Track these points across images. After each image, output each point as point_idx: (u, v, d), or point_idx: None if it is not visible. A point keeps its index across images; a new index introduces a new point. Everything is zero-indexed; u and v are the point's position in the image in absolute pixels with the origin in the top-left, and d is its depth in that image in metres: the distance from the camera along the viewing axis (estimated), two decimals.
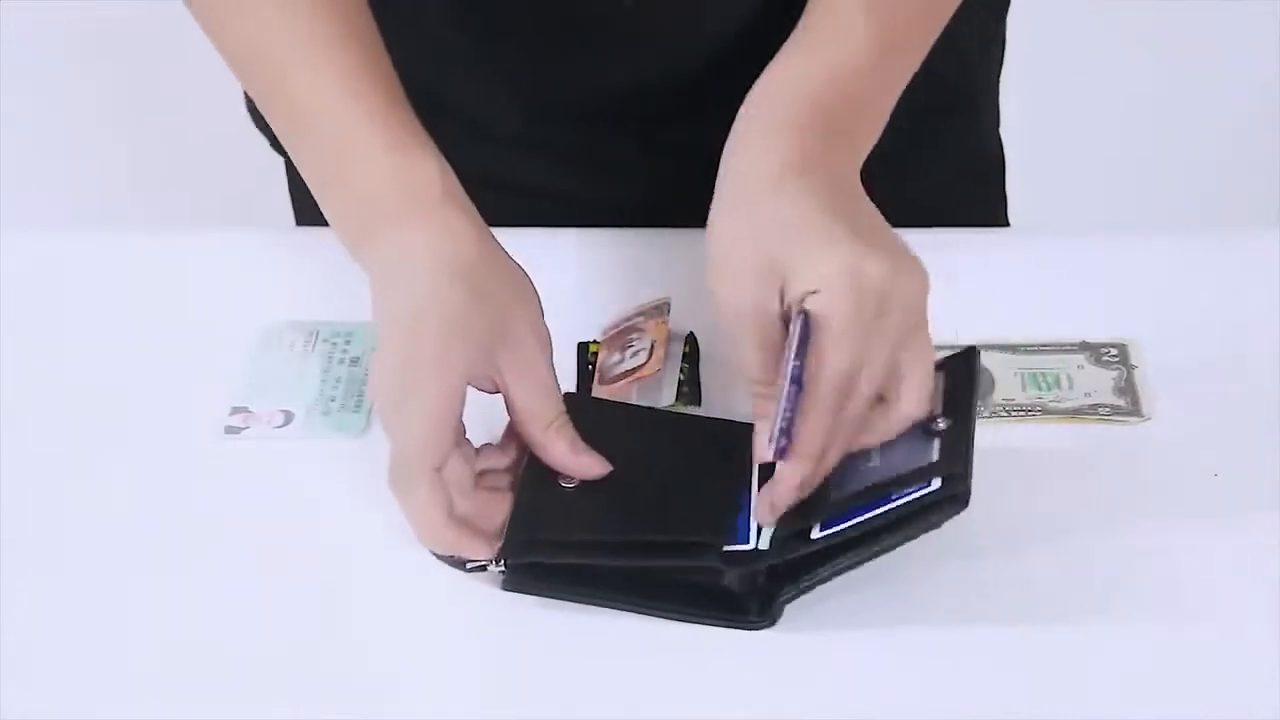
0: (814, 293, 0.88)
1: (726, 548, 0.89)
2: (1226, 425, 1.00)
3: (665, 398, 1.03)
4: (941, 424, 0.90)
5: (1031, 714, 0.86)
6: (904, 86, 1.00)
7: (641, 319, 1.06)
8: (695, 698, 0.87)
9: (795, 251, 0.89)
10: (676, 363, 1.04)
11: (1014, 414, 1.01)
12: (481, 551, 0.90)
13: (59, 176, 2.27)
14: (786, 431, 0.87)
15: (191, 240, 1.19)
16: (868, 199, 0.94)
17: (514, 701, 0.88)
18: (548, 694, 0.88)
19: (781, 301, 0.89)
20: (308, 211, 1.29)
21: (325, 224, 1.02)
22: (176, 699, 0.88)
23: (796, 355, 0.87)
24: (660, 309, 1.06)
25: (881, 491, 0.88)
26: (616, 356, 1.03)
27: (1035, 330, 1.06)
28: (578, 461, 0.92)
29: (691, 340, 1.05)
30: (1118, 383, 1.03)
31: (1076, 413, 1.02)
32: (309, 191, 1.06)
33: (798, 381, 0.87)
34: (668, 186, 1.12)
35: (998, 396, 1.02)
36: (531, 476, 0.93)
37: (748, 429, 0.93)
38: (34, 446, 1.02)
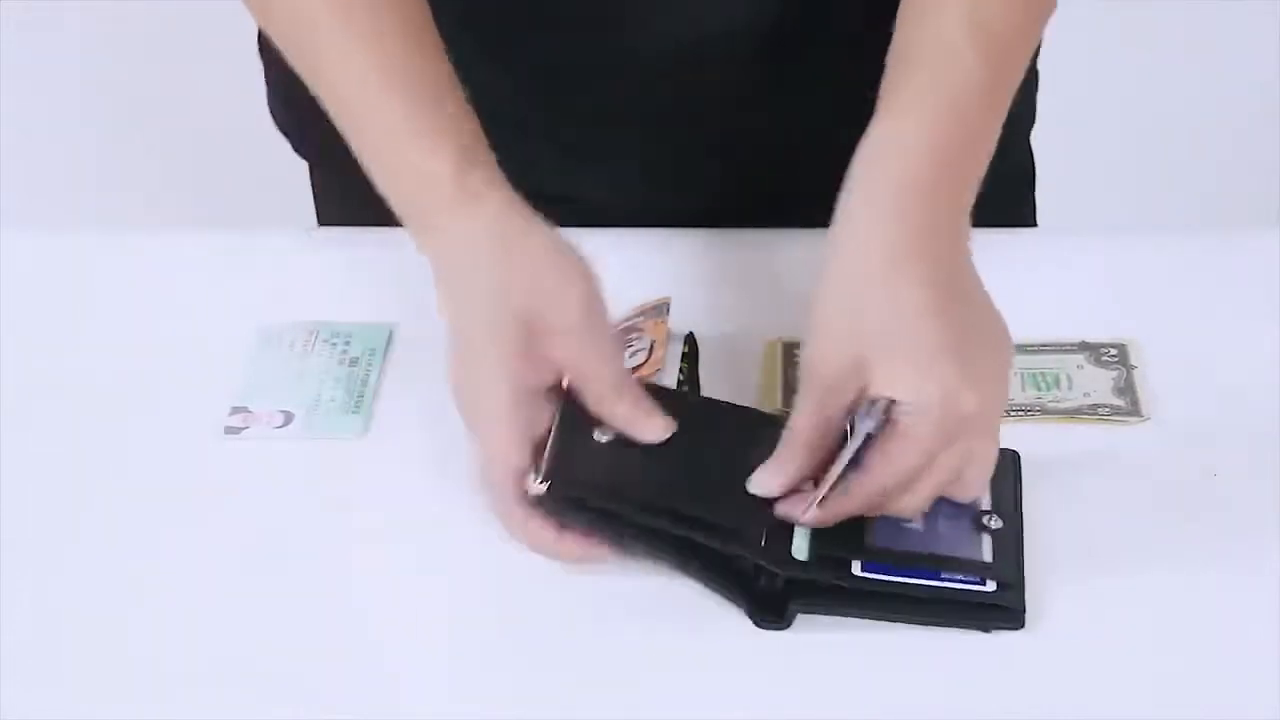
0: (901, 404, 0.87)
1: (761, 544, 0.89)
2: (1226, 425, 1.00)
3: None
4: (994, 524, 0.91)
5: (1030, 714, 0.86)
6: (1011, 101, 0.96)
7: (641, 319, 1.06)
8: (696, 698, 0.87)
9: (892, 362, 0.88)
10: (676, 362, 1.04)
11: (1014, 414, 1.01)
12: (577, 550, 0.92)
13: (59, 176, 2.28)
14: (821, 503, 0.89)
15: (191, 240, 1.19)
16: (972, 273, 0.92)
17: (516, 701, 0.88)
18: (551, 694, 0.88)
19: (860, 396, 0.89)
20: (330, 212, 1.29)
21: (347, 224, 1.01)
22: (176, 699, 0.88)
23: (863, 443, 0.88)
24: (660, 309, 1.06)
25: (932, 564, 0.89)
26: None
27: (1035, 330, 1.06)
28: (648, 422, 0.93)
29: (691, 340, 1.05)
30: (1117, 383, 1.03)
31: (1076, 413, 1.02)
32: (331, 196, 1.06)
33: (856, 464, 0.88)
34: (671, 187, 1.12)
35: None
36: (566, 419, 0.93)
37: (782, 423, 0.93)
38: (34, 446, 1.02)
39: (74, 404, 1.04)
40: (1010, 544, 0.90)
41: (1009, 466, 0.94)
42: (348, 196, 1.03)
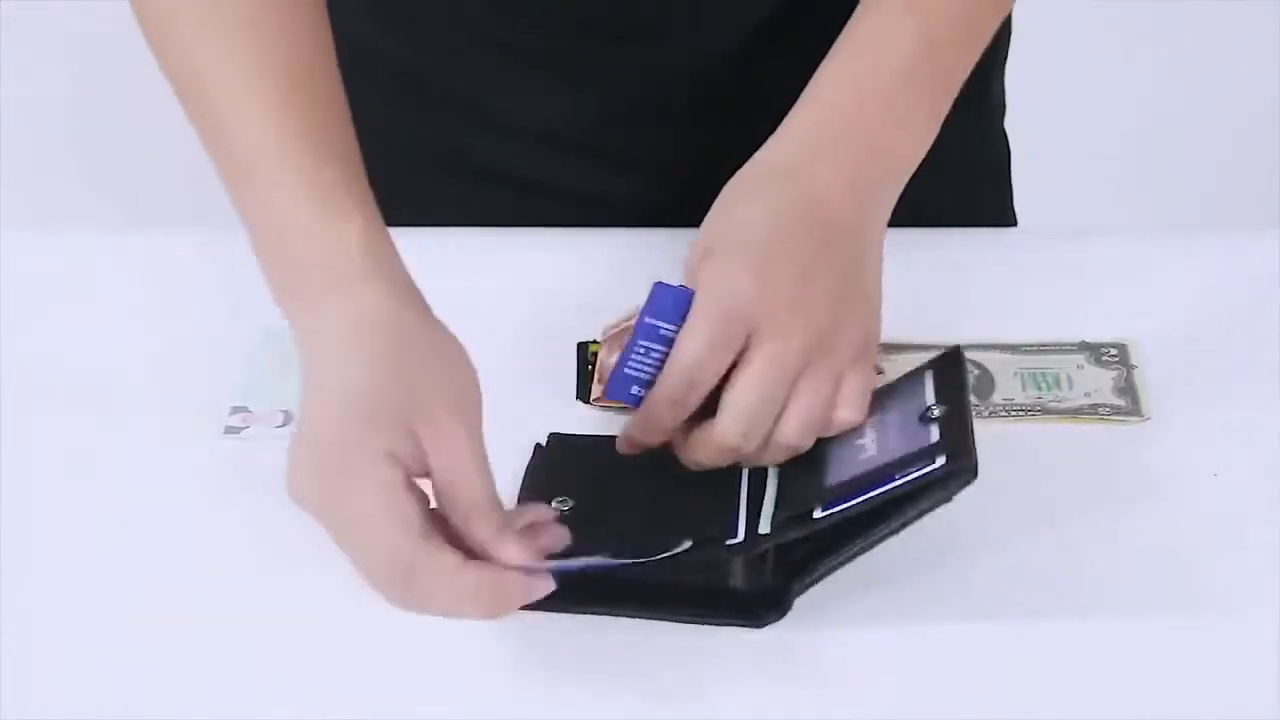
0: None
1: (728, 541, 0.89)
2: (1226, 425, 1.00)
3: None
4: (937, 411, 0.90)
5: (1030, 713, 0.86)
6: (954, 91, 0.99)
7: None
8: (697, 696, 0.87)
9: (707, 251, 0.92)
10: None
11: (1014, 414, 1.01)
12: (541, 585, 0.84)
13: (59, 176, 2.28)
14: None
15: (191, 240, 1.19)
16: (859, 232, 0.94)
17: (518, 701, 0.88)
18: (552, 694, 0.88)
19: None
20: None
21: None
22: (176, 699, 0.88)
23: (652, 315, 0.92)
24: None
25: (884, 474, 0.88)
26: (616, 356, 1.03)
27: (1035, 330, 1.06)
28: (504, 547, 0.84)
29: None
30: (1118, 383, 1.03)
31: (1076, 413, 1.02)
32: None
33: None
34: (696, 184, 1.12)
35: (998, 396, 1.02)
36: (529, 499, 0.93)
37: None
38: (34, 446, 1.02)
39: (74, 404, 1.04)
40: (957, 420, 0.89)
41: (947, 363, 0.94)
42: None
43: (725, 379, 0.91)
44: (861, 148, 0.95)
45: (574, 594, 0.89)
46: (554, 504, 0.93)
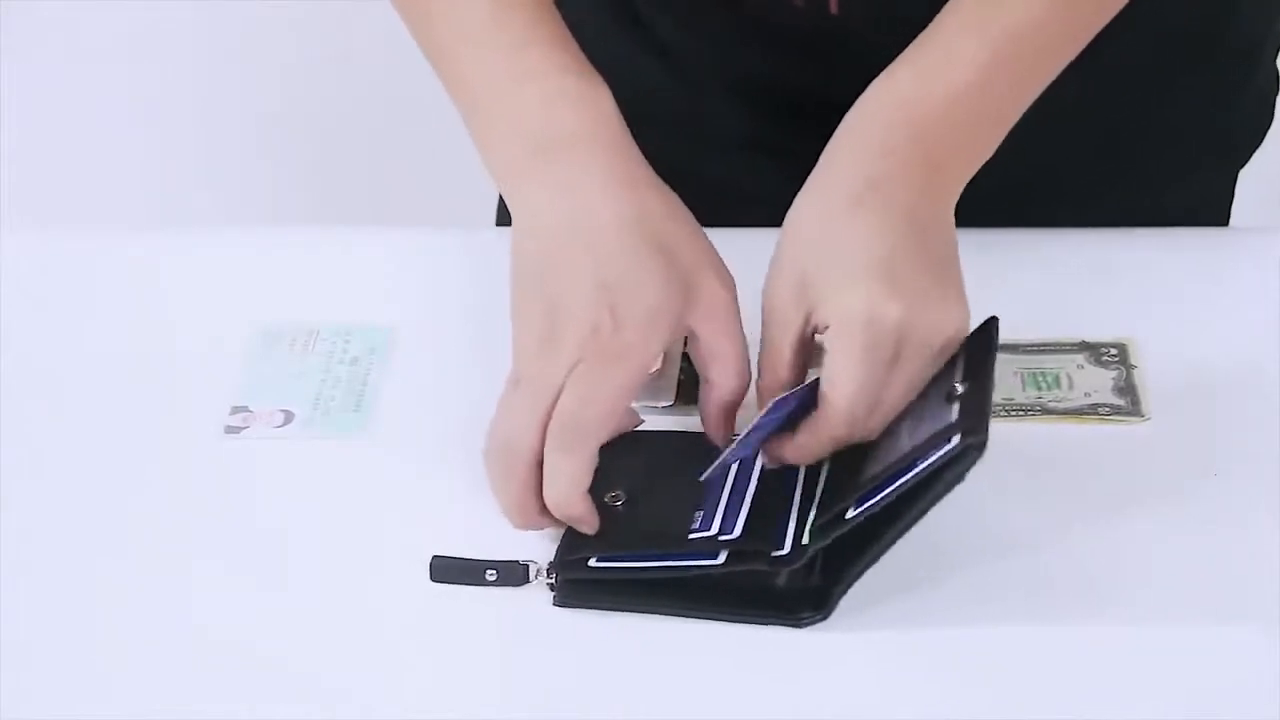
0: (830, 327, 0.90)
1: (774, 553, 0.89)
2: (1226, 425, 1.00)
3: (665, 398, 1.03)
4: (960, 388, 0.90)
5: (1028, 713, 0.86)
6: (1025, 106, 0.98)
7: None
8: (718, 697, 0.87)
9: (827, 282, 0.91)
10: (676, 363, 1.04)
11: (1014, 414, 1.01)
12: (590, 528, 0.90)
13: (59, 176, 2.28)
14: (749, 441, 0.92)
15: (192, 240, 1.19)
16: (942, 233, 0.94)
17: (522, 703, 0.88)
18: (554, 694, 0.88)
19: (807, 324, 0.92)
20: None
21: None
22: (176, 699, 0.87)
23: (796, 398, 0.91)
24: None
25: (906, 461, 0.88)
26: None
27: (1035, 330, 1.06)
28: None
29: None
30: (1118, 382, 1.03)
31: (1076, 413, 1.02)
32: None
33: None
34: None
35: (998, 396, 1.02)
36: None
37: None
38: (34, 446, 1.02)
39: (74, 404, 1.04)
40: (976, 397, 0.89)
41: (980, 334, 0.93)
42: None
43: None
44: (923, 161, 0.95)
45: (614, 590, 0.89)
46: (607, 498, 0.92)
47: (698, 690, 0.87)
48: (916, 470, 0.87)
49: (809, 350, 0.93)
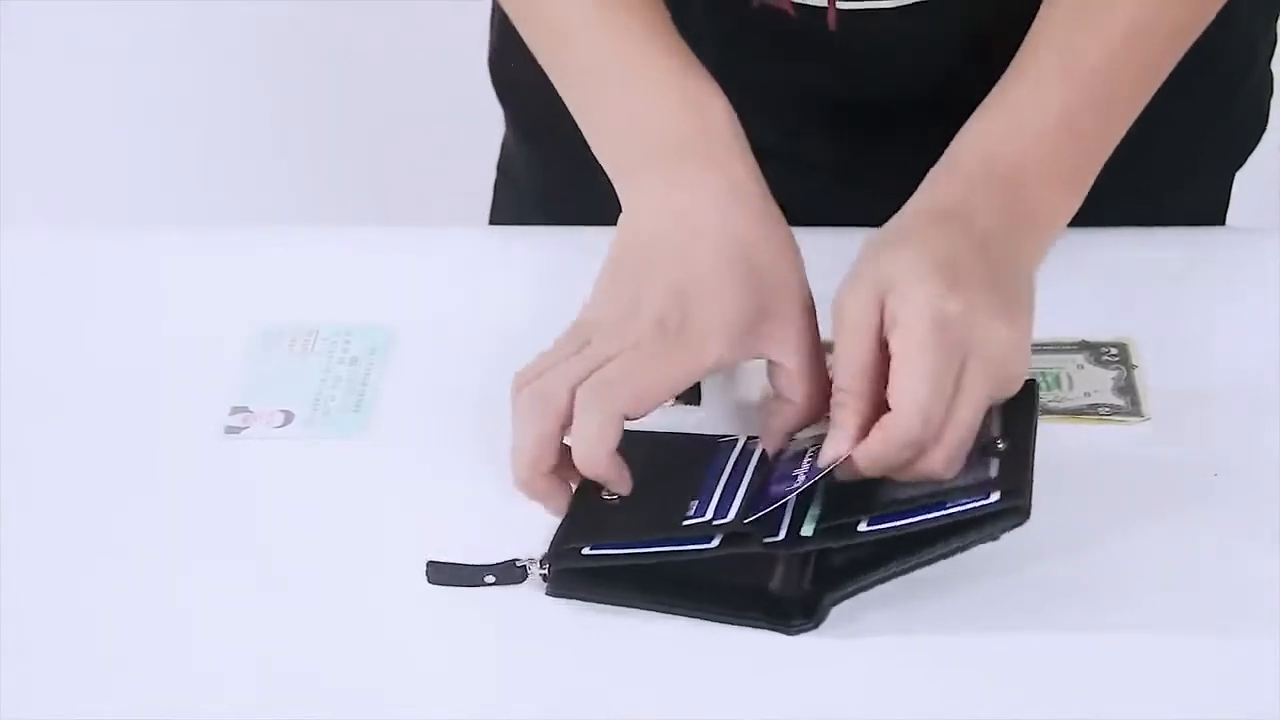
0: (895, 328, 0.90)
1: (766, 539, 0.89)
2: (1226, 425, 1.00)
3: None
4: (1001, 445, 0.90)
5: (1028, 714, 0.86)
6: (1112, 148, 1.00)
7: None
8: (713, 699, 0.87)
9: (892, 279, 0.91)
10: None
11: None
12: (622, 486, 0.92)
13: (59, 175, 2.28)
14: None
15: (192, 239, 1.19)
16: (1012, 265, 0.94)
17: (521, 704, 0.88)
18: (555, 694, 0.88)
19: (881, 326, 0.91)
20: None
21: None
22: (176, 699, 0.87)
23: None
24: None
25: (935, 499, 0.88)
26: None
27: (1035, 330, 1.05)
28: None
29: None
30: (1118, 383, 1.03)
31: (1076, 413, 1.02)
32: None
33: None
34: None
35: None
36: (582, 489, 0.93)
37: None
38: (34, 446, 1.02)
39: (74, 403, 1.04)
40: (1016, 458, 0.89)
41: (1026, 393, 0.93)
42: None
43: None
44: (1008, 198, 0.96)
45: (607, 582, 0.89)
46: (604, 495, 0.93)
47: (692, 692, 0.87)
48: (946, 512, 0.87)
49: (884, 356, 0.91)
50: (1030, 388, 0.94)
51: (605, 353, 0.93)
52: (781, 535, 0.90)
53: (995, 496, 0.87)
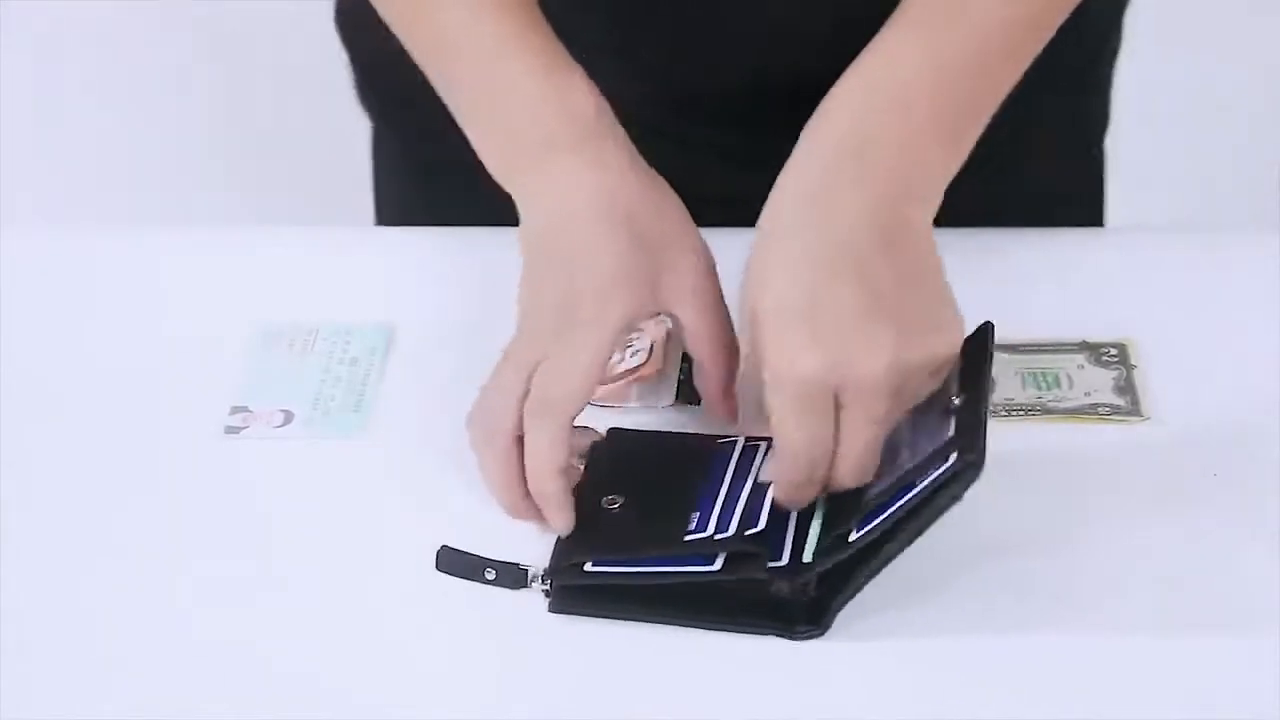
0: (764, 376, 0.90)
1: (770, 564, 0.89)
2: (1226, 425, 1.00)
3: (665, 398, 1.03)
4: (956, 400, 0.90)
5: (1029, 714, 0.86)
6: (982, 115, 0.98)
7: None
8: (712, 706, 0.87)
9: (758, 323, 0.91)
10: (676, 363, 1.04)
11: (1014, 414, 1.01)
12: (561, 520, 0.92)
13: (59, 175, 2.28)
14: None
15: (192, 239, 1.19)
16: (903, 237, 0.93)
17: (519, 706, 0.88)
18: (556, 694, 0.88)
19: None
20: (389, 209, 1.29)
21: (407, 224, 1.05)
22: (175, 699, 0.88)
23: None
24: None
25: (905, 481, 0.88)
26: (617, 356, 1.03)
27: (1035, 330, 1.06)
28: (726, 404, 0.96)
29: None
30: (1118, 382, 1.03)
31: (1076, 412, 1.02)
32: (391, 191, 1.05)
33: None
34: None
35: (998, 396, 1.02)
36: (580, 495, 0.93)
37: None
38: (34, 446, 1.02)
39: (74, 403, 1.04)
40: (972, 411, 0.89)
41: (975, 342, 0.92)
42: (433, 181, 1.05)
43: None
44: (875, 168, 0.94)
45: (611, 599, 0.89)
46: (604, 502, 0.93)
47: (692, 692, 0.87)
48: (917, 490, 0.87)
49: None
50: (980, 332, 0.93)
51: (527, 359, 0.94)
52: (785, 559, 0.89)
53: (953, 458, 0.87)
